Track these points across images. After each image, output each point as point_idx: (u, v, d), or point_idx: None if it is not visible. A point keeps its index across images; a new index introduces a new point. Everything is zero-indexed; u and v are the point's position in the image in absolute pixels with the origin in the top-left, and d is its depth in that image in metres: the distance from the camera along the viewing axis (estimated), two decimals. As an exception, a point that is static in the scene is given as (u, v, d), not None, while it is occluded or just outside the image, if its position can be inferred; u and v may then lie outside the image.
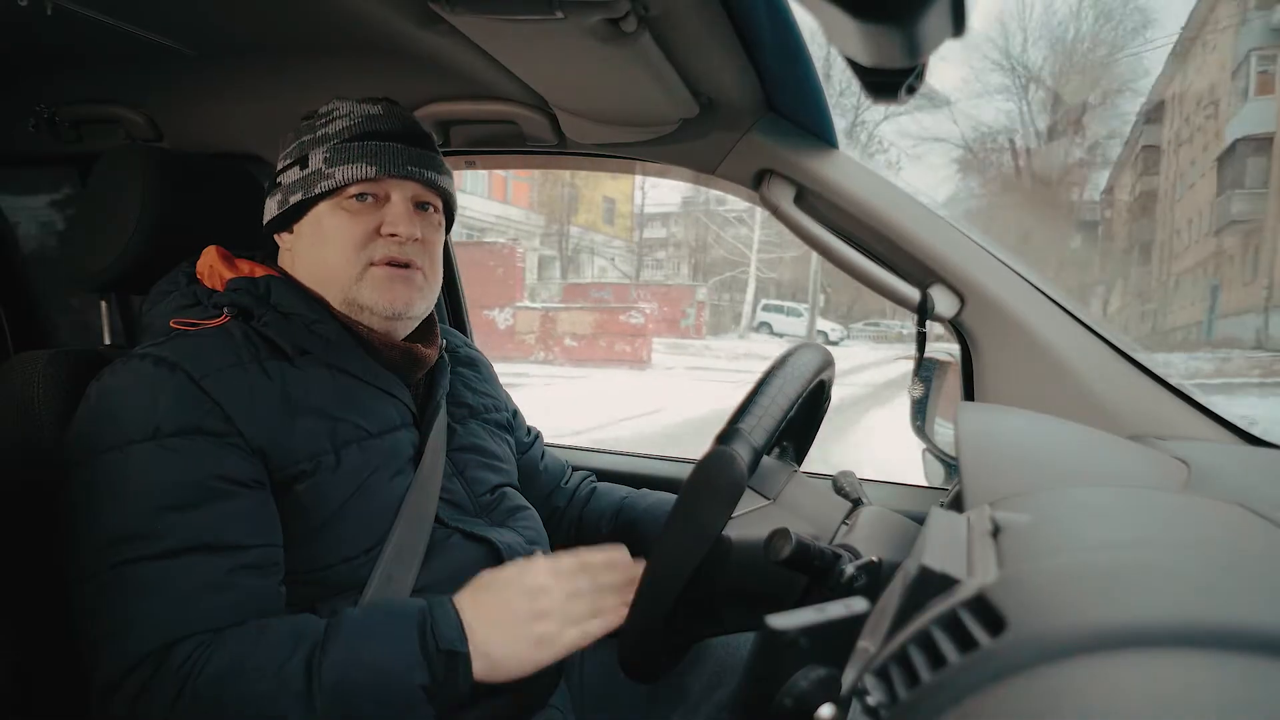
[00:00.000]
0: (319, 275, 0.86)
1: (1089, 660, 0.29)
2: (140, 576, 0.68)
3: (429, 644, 0.70)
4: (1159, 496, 0.55)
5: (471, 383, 1.04)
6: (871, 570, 0.65)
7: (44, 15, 0.90)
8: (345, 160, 0.83)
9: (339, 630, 0.70)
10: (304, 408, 0.79)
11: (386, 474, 0.83)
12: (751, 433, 0.64)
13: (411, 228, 0.85)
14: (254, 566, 0.72)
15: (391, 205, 0.85)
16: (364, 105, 0.87)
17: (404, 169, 0.85)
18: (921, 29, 0.37)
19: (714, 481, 0.62)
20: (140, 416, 0.73)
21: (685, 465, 1.42)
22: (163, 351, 0.76)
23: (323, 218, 0.85)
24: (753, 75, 0.95)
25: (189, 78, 1.13)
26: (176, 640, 0.67)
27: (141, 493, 0.70)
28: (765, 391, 0.69)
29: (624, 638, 0.70)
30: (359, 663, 0.68)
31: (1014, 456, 0.66)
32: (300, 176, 0.85)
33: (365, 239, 0.84)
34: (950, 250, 1.00)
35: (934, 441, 1.14)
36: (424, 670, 0.69)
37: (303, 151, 0.86)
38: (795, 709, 0.42)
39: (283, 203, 0.86)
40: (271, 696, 0.66)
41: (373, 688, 0.68)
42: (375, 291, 0.84)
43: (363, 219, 0.84)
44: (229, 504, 0.72)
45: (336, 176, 0.83)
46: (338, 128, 0.85)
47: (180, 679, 0.65)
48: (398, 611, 0.73)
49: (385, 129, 0.85)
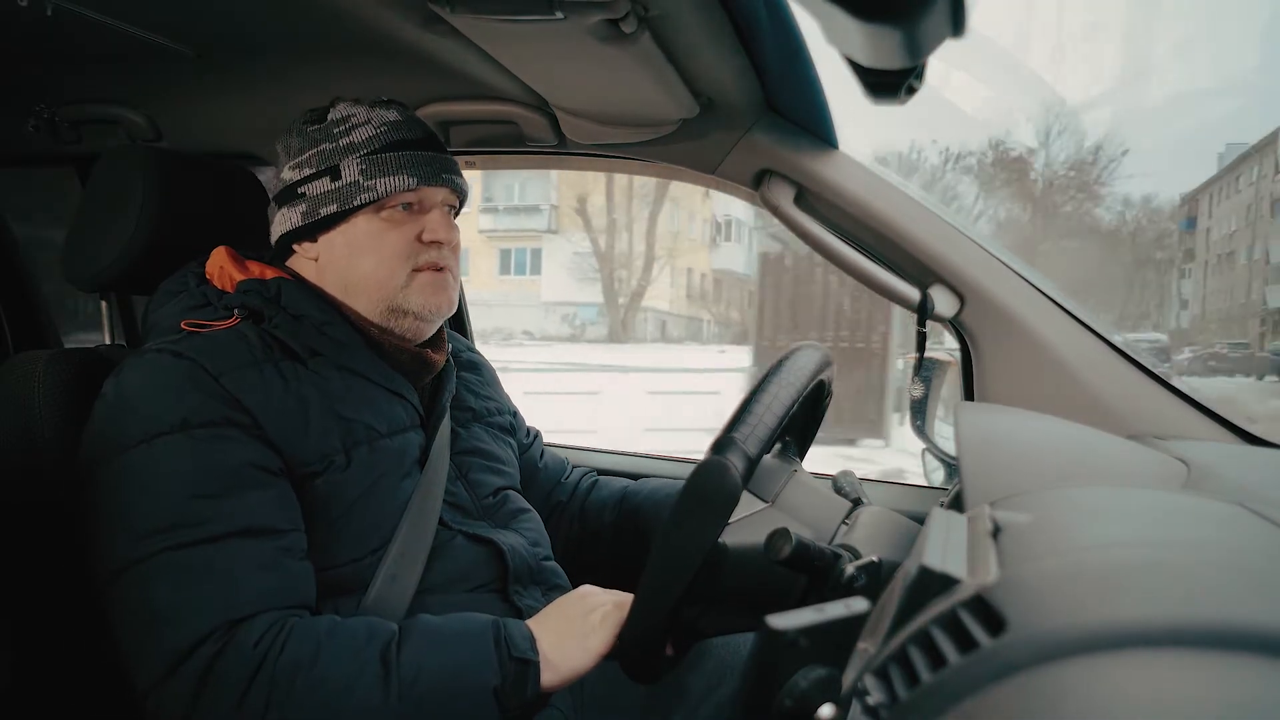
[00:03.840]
0: (353, 283, 0.86)
1: (1089, 660, 0.29)
2: (188, 561, 0.69)
3: (503, 650, 0.72)
4: (1159, 496, 0.56)
5: (474, 386, 1.04)
6: (871, 570, 0.64)
7: (44, 15, 0.90)
8: (385, 172, 0.84)
9: (414, 629, 0.73)
10: (317, 408, 0.80)
11: (395, 476, 0.83)
12: (745, 441, 0.63)
13: (451, 233, 0.88)
14: (292, 550, 0.74)
15: (430, 214, 0.87)
16: (379, 111, 0.87)
17: (439, 177, 0.87)
18: (921, 29, 0.37)
19: (707, 493, 0.62)
20: (166, 409, 0.73)
21: (686, 465, 1.42)
22: (180, 347, 0.77)
23: (358, 228, 0.85)
24: (752, 75, 0.95)
25: (189, 78, 1.13)
26: (242, 618, 0.68)
27: (176, 483, 0.71)
28: (760, 399, 0.67)
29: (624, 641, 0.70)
30: (435, 660, 0.70)
31: (1014, 456, 0.66)
32: (333, 188, 0.85)
33: (409, 248, 0.86)
34: (950, 250, 1.00)
35: (934, 441, 1.14)
36: (497, 674, 0.71)
37: (329, 161, 0.85)
38: (795, 709, 0.42)
39: (309, 214, 0.86)
40: (349, 684, 0.67)
41: (448, 685, 0.70)
42: (422, 296, 0.86)
43: (405, 228, 0.86)
44: (262, 491, 0.74)
45: (379, 189, 0.84)
46: (364, 136, 0.85)
47: (258, 658, 0.67)
48: (472, 620, 0.76)
49: (412, 137, 0.87)
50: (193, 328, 0.81)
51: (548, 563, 0.96)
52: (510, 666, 0.72)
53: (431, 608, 0.81)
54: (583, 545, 1.08)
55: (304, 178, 0.87)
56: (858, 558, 0.66)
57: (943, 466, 1.16)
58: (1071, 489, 0.55)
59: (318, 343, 0.83)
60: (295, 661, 0.67)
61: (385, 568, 0.80)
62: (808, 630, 0.41)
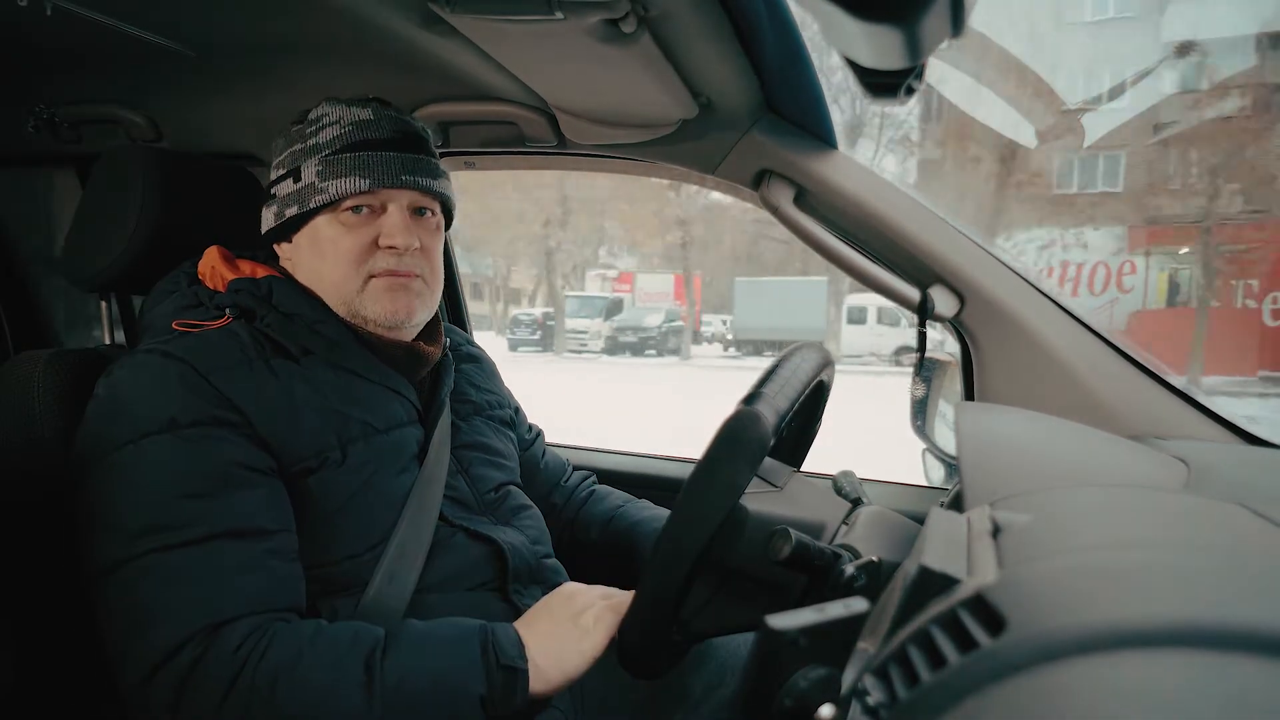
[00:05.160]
0: (318, 285, 0.86)
1: (1089, 660, 0.29)
2: (171, 564, 0.69)
3: (490, 658, 0.72)
4: (1159, 496, 0.55)
5: (475, 379, 1.04)
6: (871, 570, 0.64)
7: (44, 15, 0.90)
8: (338, 174, 0.82)
9: (400, 636, 0.72)
10: (310, 404, 0.79)
11: (391, 470, 0.83)
12: (775, 397, 0.65)
13: (409, 238, 0.84)
14: (279, 551, 0.73)
15: (388, 216, 0.85)
16: (354, 110, 0.85)
17: (397, 179, 0.84)
18: (921, 29, 0.37)
19: (740, 437, 0.63)
20: (154, 409, 0.73)
21: (687, 465, 1.42)
22: (170, 348, 0.77)
23: (319, 231, 0.85)
24: (752, 75, 0.95)
25: (189, 78, 1.13)
26: (225, 621, 0.68)
27: (163, 483, 0.71)
28: (785, 365, 0.71)
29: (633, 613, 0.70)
30: (420, 668, 0.70)
31: (1014, 456, 0.66)
32: (294, 190, 0.85)
33: (364, 252, 0.84)
34: (950, 250, 1.00)
35: (934, 441, 1.14)
36: (483, 683, 0.71)
37: (295, 163, 0.85)
38: (795, 709, 0.42)
39: (279, 215, 0.86)
40: (331, 691, 0.67)
41: (432, 693, 0.69)
42: (376, 303, 0.84)
43: (360, 232, 0.84)
44: (249, 491, 0.73)
45: (330, 191, 0.82)
46: (328, 137, 0.84)
47: (238, 662, 0.66)
48: (459, 625, 0.75)
49: (376, 136, 0.84)
50: (185, 328, 0.81)
51: (548, 560, 0.96)
52: (498, 675, 0.71)
53: (431, 606, 0.80)
54: (572, 552, 1.08)
55: (276, 178, 0.87)
56: (858, 558, 0.66)
57: (943, 466, 1.16)
58: (1071, 489, 0.55)
59: (310, 341, 0.83)
60: (277, 667, 0.66)
61: (384, 565, 0.79)
62: (808, 630, 0.41)
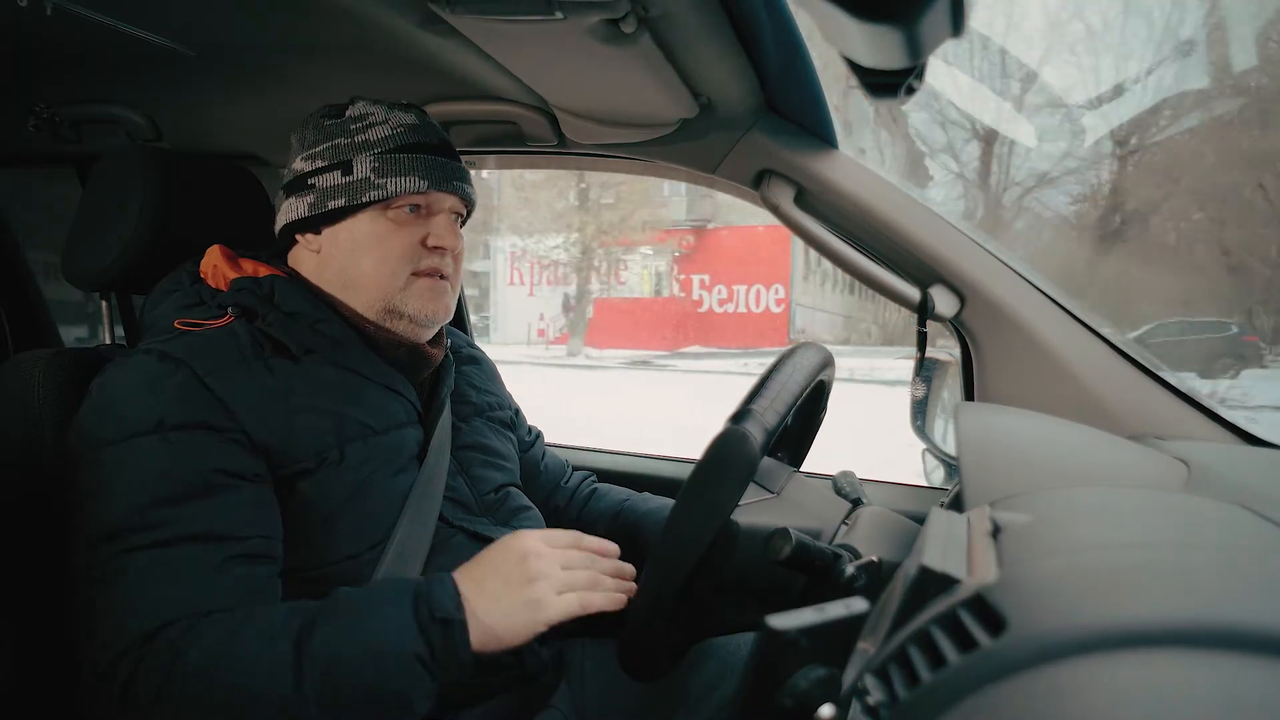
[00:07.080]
0: (353, 279, 0.86)
1: (1089, 660, 0.29)
2: (133, 566, 0.68)
3: (423, 614, 0.69)
4: (1159, 496, 0.56)
5: (475, 381, 1.04)
6: (871, 570, 0.65)
7: (44, 15, 0.90)
8: (397, 172, 0.84)
9: (331, 607, 0.69)
10: (309, 405, 0.79)
11: (390, 470, 0.83)
12: (764, 414, 0.65)
13: (455, 240, 0.88)
14: (248, 556, 0.72)
15: (437, 219, 0.87)
16: (398, 113, 0.87)
17: (450, 183, 0.87)
18: (921, 29, 0.37)
19: (727, 458, 0.62)
20: (144, 410, 0.73)
21: (686, 465, 1.42)
22: (167, 348, 0.77)
23: (363, 225, 0.85)
24: (752, 75, 0.95)
25: (189, 78, 1.13)
26: (167, 623, 0.66)
27: (141, 485, 0.70)
28: (775, 377, 0.69)
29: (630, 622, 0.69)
30: (352, 638, 0.67)
31: (1014, 456, 0.66)
32: (343, 182, 0.85)
33: (411, 250, 0.86)
34: (950, 250, 1.00)
35: (934, 441, 1.14)
36: (420, 640, 0.68)
37: (342, 156, 0.85)
38: (795, 709, 0.42)
39: (317, 205, 0.86)
40: (257, 673, 0.64)
41: (367, 660, 0.66)
42: (419, 301, 0.86)
43: (409, 230, 0.86)
44: (227, 497, 0.72)
45: (389, 187, 0.84)
46: (379, 135, 0.85)
47: (168, 658, 0.64)
48: (392, 586, 0.73)
49: (428, 141, 0.87)
50: (186, 326, 0.81)
51: None
52: (434, 629, 0.68)
53: None
54: None
55: (315, 169, 0.87)
56: (858, 558, 0.66)
57: (943, 466, 1.16)
58: (1071, 489, 0.55)
59: (311, 340, 0.83)
60: (204, 657, 0.64)
61: (384, 565, 0.79)
62: (808, 630, 0.41)
